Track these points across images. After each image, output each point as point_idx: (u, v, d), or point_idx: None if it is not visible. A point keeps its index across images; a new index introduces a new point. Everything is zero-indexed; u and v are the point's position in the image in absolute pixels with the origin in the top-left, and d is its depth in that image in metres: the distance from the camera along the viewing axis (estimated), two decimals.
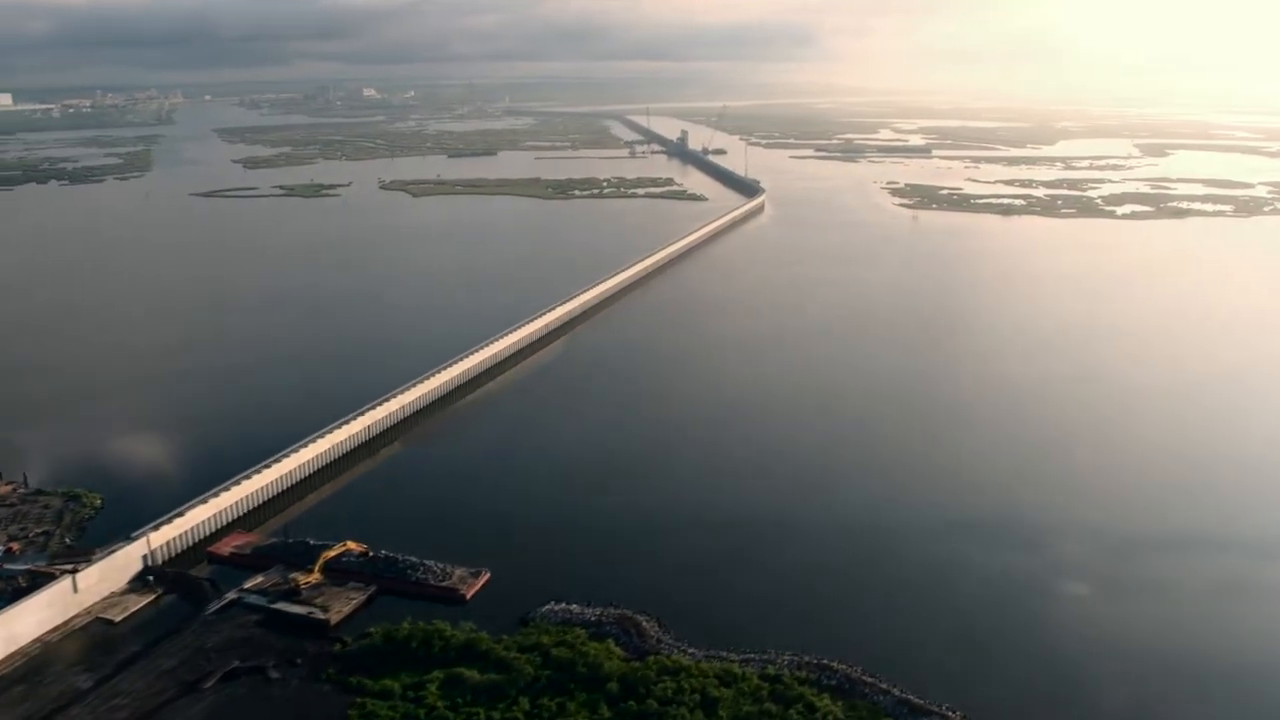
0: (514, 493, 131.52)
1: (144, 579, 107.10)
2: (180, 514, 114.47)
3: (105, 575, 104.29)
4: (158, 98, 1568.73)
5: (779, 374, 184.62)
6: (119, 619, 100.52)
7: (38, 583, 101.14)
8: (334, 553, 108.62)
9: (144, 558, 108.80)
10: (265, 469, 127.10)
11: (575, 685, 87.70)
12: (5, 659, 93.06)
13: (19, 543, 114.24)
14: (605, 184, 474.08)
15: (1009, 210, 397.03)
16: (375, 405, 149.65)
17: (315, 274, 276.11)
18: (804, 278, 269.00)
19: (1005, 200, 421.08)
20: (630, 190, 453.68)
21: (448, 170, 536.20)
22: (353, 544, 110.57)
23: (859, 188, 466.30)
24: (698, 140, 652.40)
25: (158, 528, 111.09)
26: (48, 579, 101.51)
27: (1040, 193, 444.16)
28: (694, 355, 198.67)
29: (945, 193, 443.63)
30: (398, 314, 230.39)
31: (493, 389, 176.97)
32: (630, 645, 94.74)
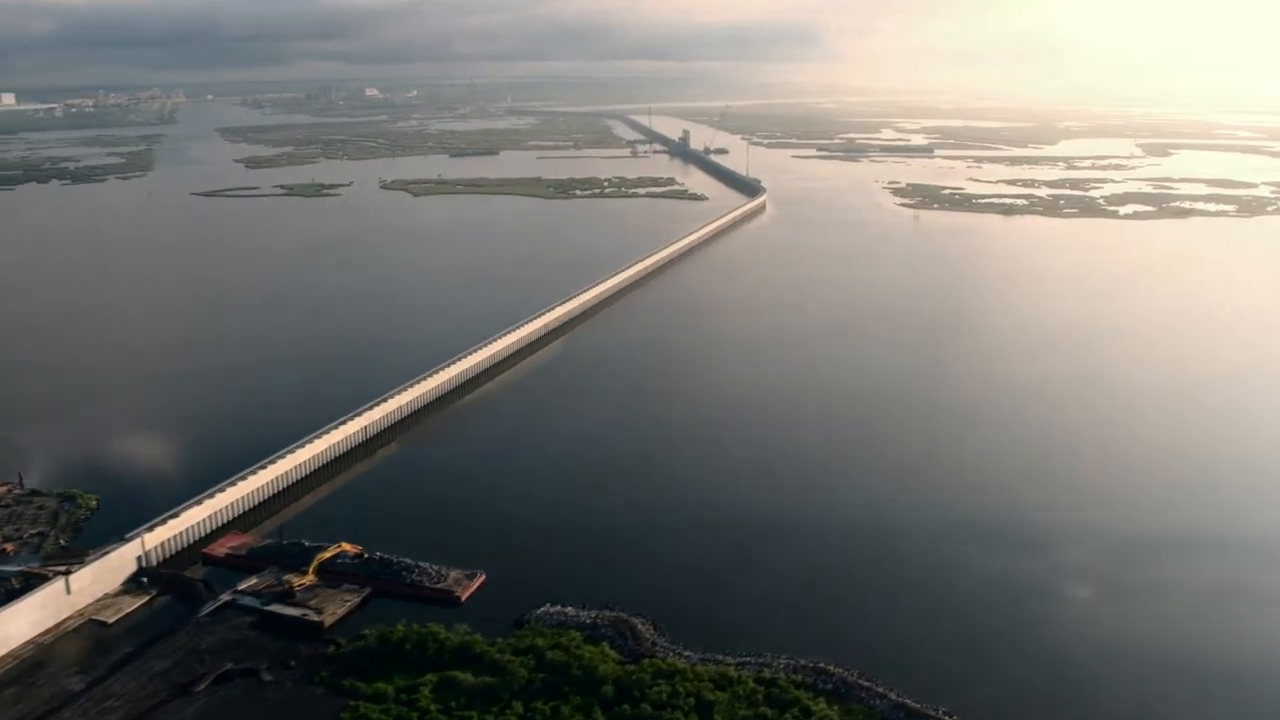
0: (511, 493, 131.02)
1: (138, 580, 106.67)
2: (175, 515, 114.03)
3: (99, 577, 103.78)
4: (160, 97, 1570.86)
5: (779, 374, 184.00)
6: (112, 620, 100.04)
7: (31, 584, 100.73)
8: (329, 554, 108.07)
9: (138, 559, 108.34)
10: (261, 470, 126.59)
11: (569, 689, 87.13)
12: None
13: (13, 544, 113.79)
14: (606, 183, 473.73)
15: (1011, 210, 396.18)
16: (372, 406, 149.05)
17: (314, 273, 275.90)
18: (805, 277, 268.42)
19: (1007, 200, 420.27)
20: (631, 190, 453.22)
21: (449, 170, 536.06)
22: (348, 545, 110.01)
23: (861, 187, 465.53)
24: (700, 140, 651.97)
25: (152, 529, 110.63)
26: (41, 580, 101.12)
27: (1042, 192, 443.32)
28: (694, 355, 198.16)
29: (947, 192, 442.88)
30: (396, 314, 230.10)
31: (491, 389, 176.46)
32: (625, 648, 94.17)
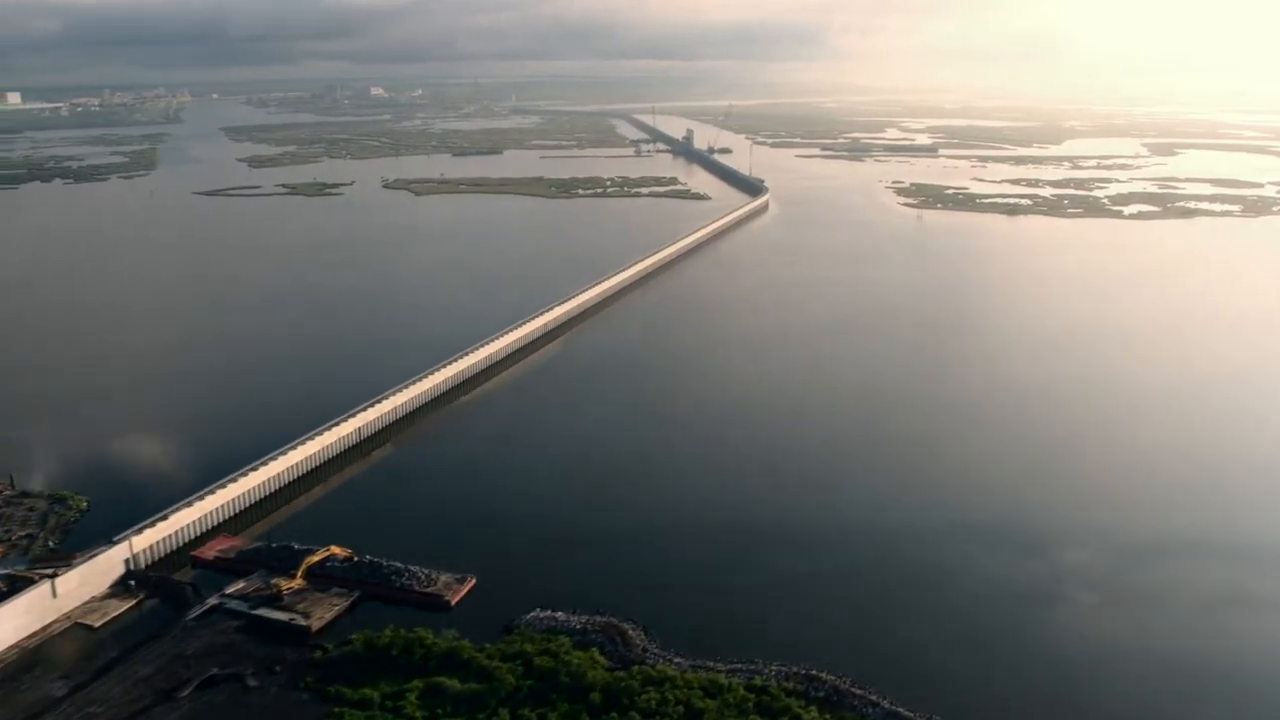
0: (505, 496, 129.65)
1: (125, 583, 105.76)
2: (164, 517, 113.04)
3: (86, 580, 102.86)
4: (166, 96, 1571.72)
5: (779, 374, 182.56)
6: (98, 624, 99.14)
7: (16, 587, 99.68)
8: (317, 558, 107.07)
9: (126, 562, 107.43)
10: (252, 471, 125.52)
11: (557, 696, 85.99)
12: None
13: (1, 546, 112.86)
14: (609, 183, 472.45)
15: (1015, 210, 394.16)
16: (366, 407, 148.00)
17: (314, 273, 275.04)
18: (806, 277, 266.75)
19: (1011, 200, 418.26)
20: (634, 189, 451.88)
21: (452, 169, 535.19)
22: (337, 549, 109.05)
23: (864, 187, 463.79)
24: (703, 139, 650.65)
25: (140, 531, 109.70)
26: (27, 583, 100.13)
27: (1046, 192, 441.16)
28: (693, 355, 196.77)
29: (951, 192, 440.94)
30: (394, 314, 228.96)
31: (489, 390, 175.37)
32: (615, 654, 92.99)
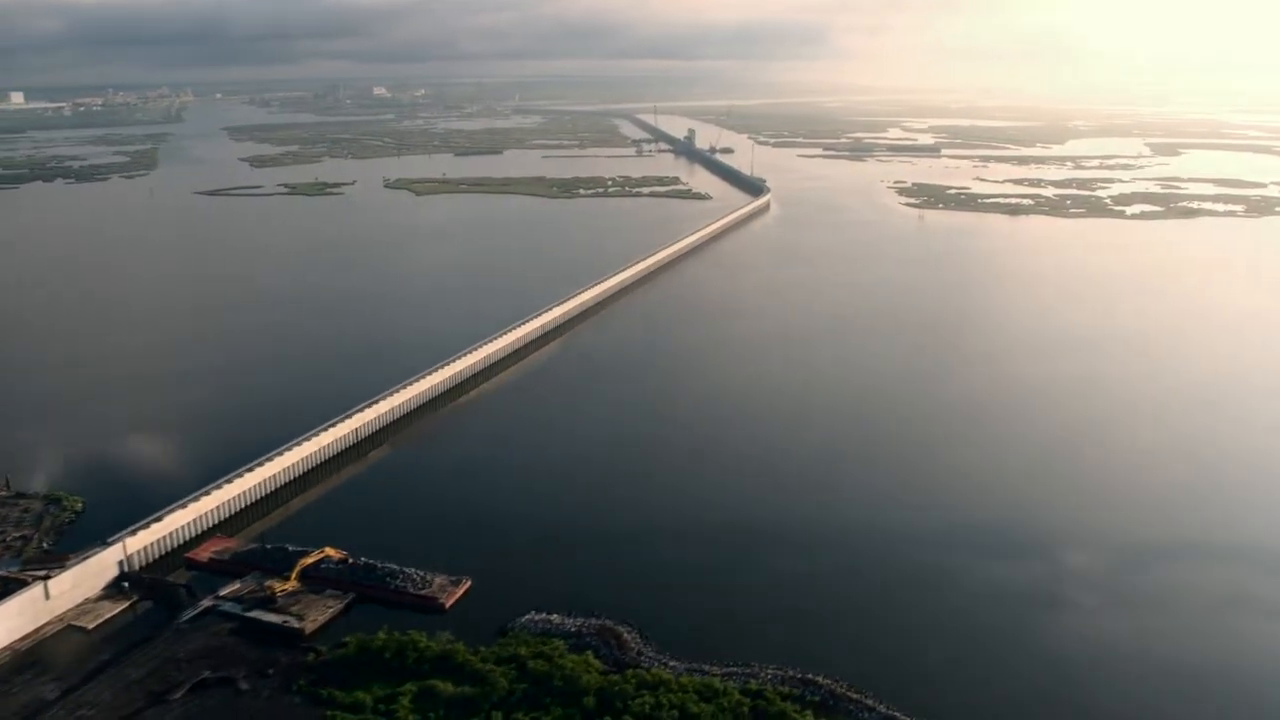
0: (502, 497, 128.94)
1: (119, 585, 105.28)
2: (158, 518, 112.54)
3: (79, 581, 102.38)
4: (169, 96, 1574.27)
5: (778, 375, 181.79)
6: (92, 626, 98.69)
7: (9, 589, 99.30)
8: (311, 559, 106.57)
9: (120, 563, 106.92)
10: (248, 472, 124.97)
11: (551, 699, 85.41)
12: None
13: None
14: (610, 183, 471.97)
15: (1016, 210, 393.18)
16: (363, 407, 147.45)
17: (313, 273, 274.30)
18: (806, 278, 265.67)
19: (1013, 200, 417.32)
20: (635, 189, 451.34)
21: (454, 169, 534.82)
22: (332, 550, 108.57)
23: (866, 187, 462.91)
24: (705, 139, 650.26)
25: (134, 533, 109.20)
26: (20, 585, 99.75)
27: (1049, 192, 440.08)
28: (692, 357, 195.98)
29: (953, 192, 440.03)
30: (393, 314, 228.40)
31: (487, 390, 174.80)
32: (610, 657, 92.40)
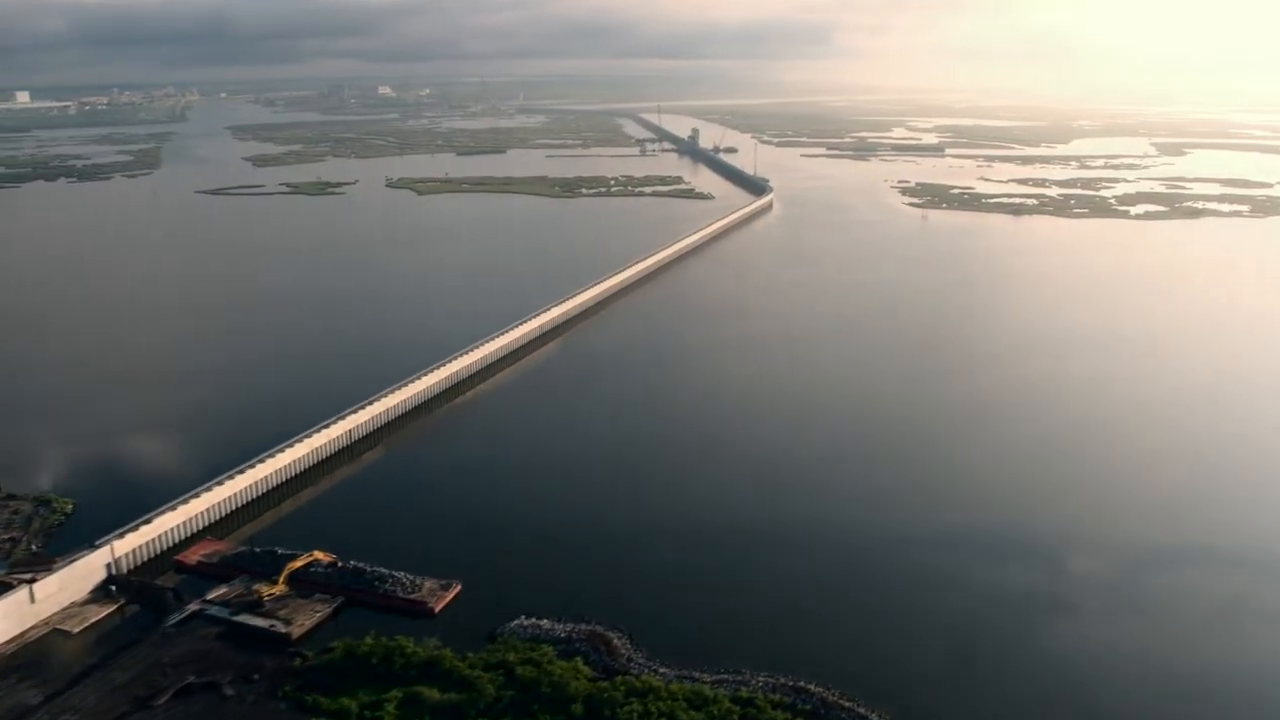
0: (496, 499, 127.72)
1: (106, 589, 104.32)
2: (147, 521, 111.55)
3: (65, 585, 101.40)
4: (174, 95, 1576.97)
5: (778, 376, 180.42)
6: (77, 630, 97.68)
7: None
8: (300, 563, 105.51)
9: (107, 566, 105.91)
10: (239, 474, 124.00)
11: (538, 707, 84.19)
12: None
13: None
14: (613, 182, 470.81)
15: (1020, 210, 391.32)
16: (357, 409, 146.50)
17: (311, 272, 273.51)
18: (807, 278, 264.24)
19: (1017, 200, 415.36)
20: (638, 189, 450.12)
21: (456, 168, 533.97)
22: (321, 554, 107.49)
23: (869, 187, 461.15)
24: (709, 139, 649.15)
25: (122, 535, 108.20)
26: (5, 589, 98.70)
27: (1053, 192, 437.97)
28: (691, 358, 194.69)
29: (956, 192, 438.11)
30: (391, 314, 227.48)
31: (484, 391, 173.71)
32: (599, 664, 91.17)
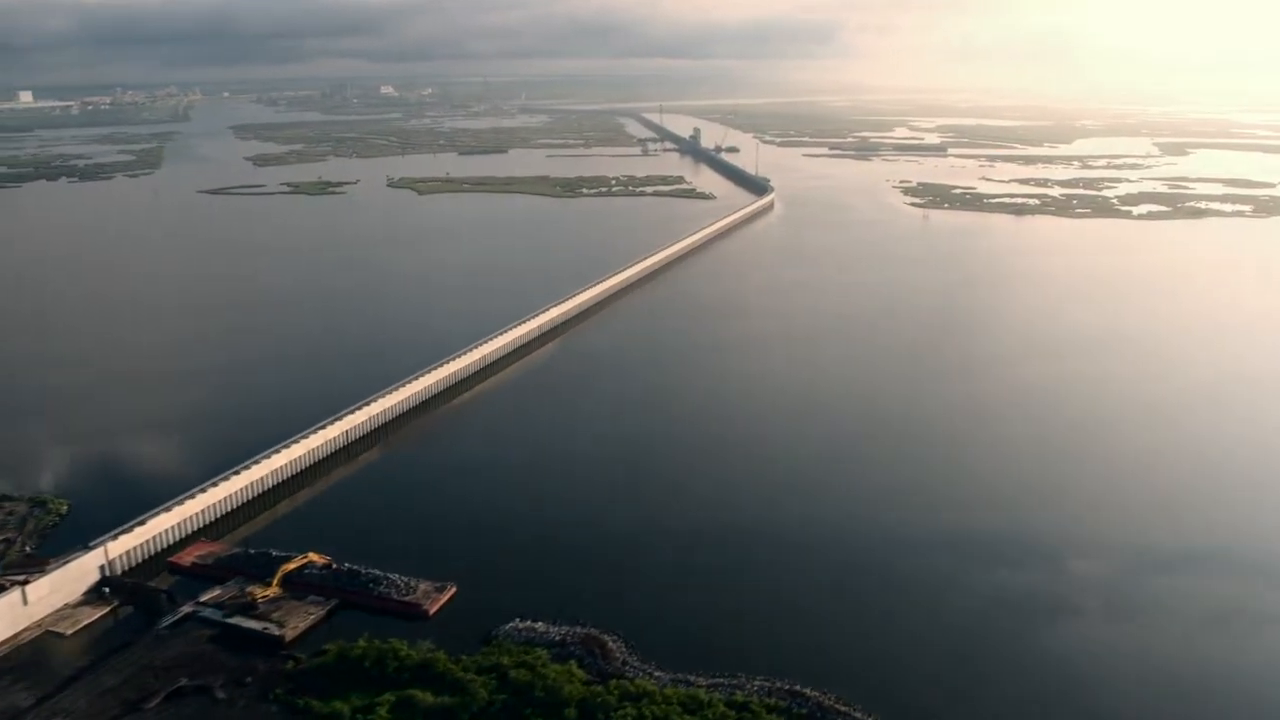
0: (492, 502, 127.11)
1: (100, 590, 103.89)
2: (141, 522, 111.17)
3: (58, 586, 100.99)
4: (177, 95, 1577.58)
5: (778, 377, 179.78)
6: (70, 632, 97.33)
7: None
8: (294, 565, 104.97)
9: (101, 568, 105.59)
10: (234, 475, 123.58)
11: (531, 710, 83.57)
12: None
13: None
14: (614, 182, 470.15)
15: (1022, 210, 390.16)
16: (354, 409, 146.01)
17: (313, 272, 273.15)
18: (808, 278, 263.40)
19: (1019, 200, 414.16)
20: (639, 189, 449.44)
21: (458, 168, 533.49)
22: (315, 555, 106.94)
23: (871, 187, 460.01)
24: (711, 138, 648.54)
25: (116, 537, 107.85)
26: None
27: (1055, 192, 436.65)
28: (690, 359, 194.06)
29: (958, 192, 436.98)
30: (390, 314, 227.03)
31: (483, 392, 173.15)
32: (594, 667, 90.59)
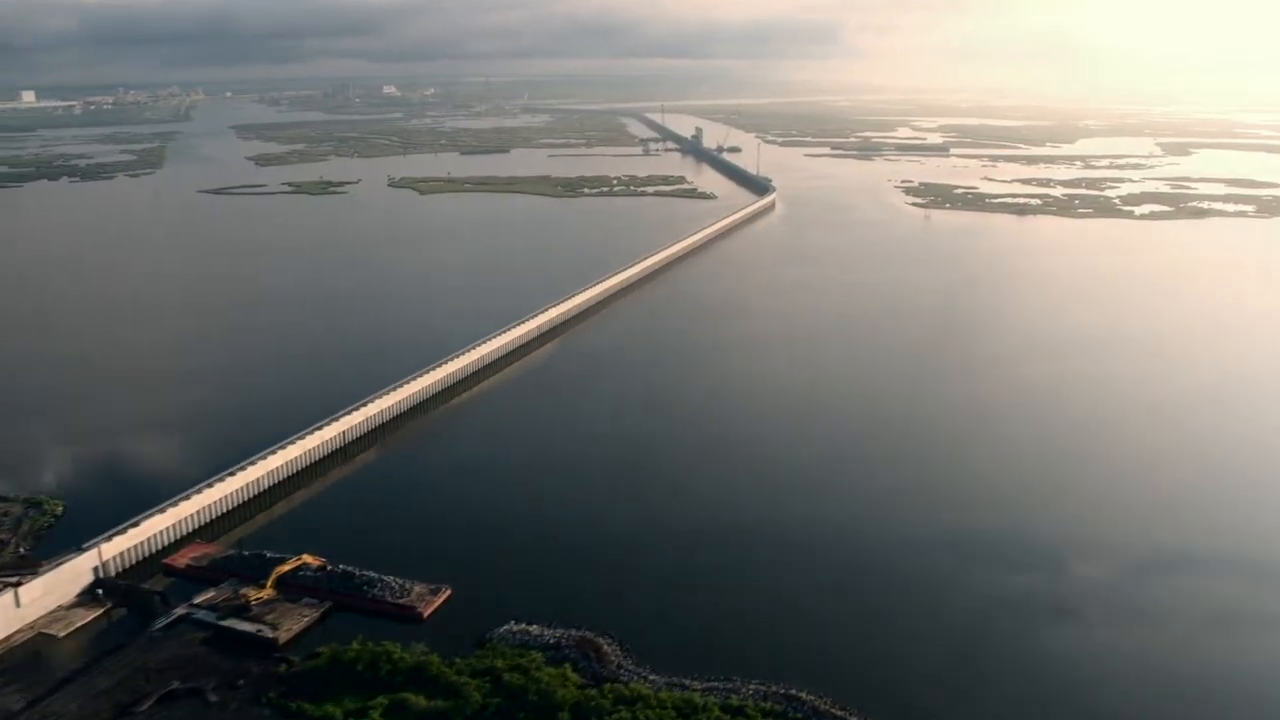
0: (489, 503, 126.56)
1: (93, 592, 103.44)
2: (136, 524, 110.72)
3: (51, 588, 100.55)
4: (179, 95, 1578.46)
5: (778, 377, 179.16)
6: (63, 634, 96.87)
7: None
8: (288, 567, 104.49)
9: (95, 569, 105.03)
10: (230, 476, 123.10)
11: (525, 714, 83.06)
12: None
13: None
14: (615, 182, 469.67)
15: (1024, 210, 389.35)
16: (351, 410, 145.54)
17: (314, 272, 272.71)
18: (809, 278, 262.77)
19: (1021, 200, 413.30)
20: (640, 189, 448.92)
21: (459, 168, 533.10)
22: (310, 557, 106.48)
23: (873, 186, 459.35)
24: (713, 138, 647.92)
25: (110, 538, 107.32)
26: None
27: (1057, 192, 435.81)
28: (690, 360, 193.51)
29: (960, 192, 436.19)
30: (389, 314, 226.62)
31: (481, 392, 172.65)
32: (588, 670, 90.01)
